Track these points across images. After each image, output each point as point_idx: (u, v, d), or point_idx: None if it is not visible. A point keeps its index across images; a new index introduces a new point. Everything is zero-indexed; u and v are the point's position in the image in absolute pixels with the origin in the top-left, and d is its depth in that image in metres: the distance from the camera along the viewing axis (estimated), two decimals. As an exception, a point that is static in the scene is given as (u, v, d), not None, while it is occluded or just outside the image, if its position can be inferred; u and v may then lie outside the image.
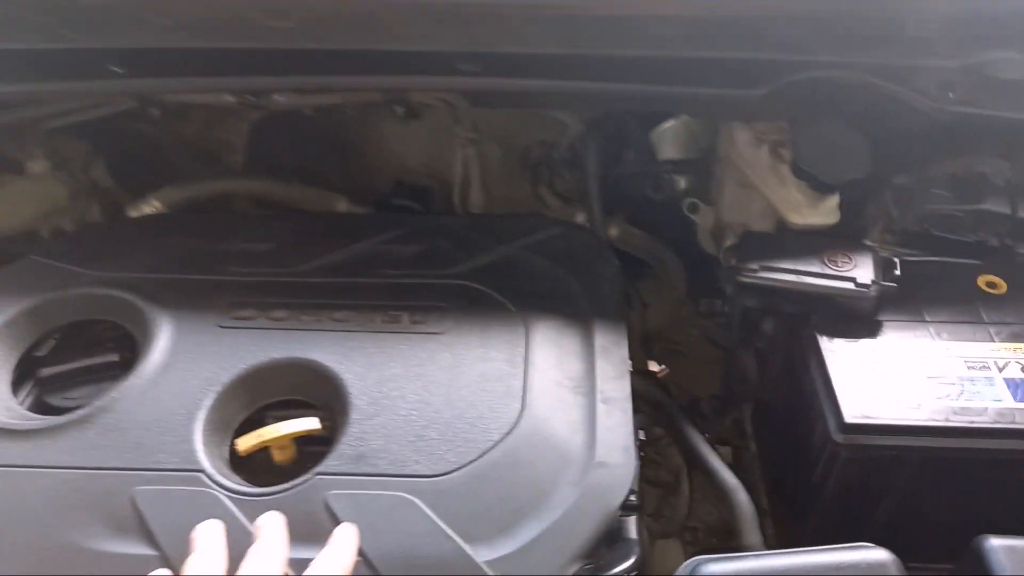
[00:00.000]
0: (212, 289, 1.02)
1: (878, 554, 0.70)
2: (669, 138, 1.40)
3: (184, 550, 0.75)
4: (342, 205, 1.44)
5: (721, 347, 1.45)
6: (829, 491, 0.93)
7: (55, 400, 0.96)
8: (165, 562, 0.77)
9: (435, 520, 0.80)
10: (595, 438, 0.87)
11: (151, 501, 0.81)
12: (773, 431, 1.14)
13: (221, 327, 0.97)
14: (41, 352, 1.01)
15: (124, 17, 1.04)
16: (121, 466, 0.84)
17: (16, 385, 0.97)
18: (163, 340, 0.95)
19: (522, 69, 1.03)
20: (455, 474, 0.83)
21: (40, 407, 0.95)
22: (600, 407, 0.90)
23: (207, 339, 0.96)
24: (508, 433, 0.86)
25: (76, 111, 1.15)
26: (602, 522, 0.81)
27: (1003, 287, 1.01)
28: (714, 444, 1.10)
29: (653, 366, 1.18)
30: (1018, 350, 0.93)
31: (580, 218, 1.42)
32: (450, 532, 0.79)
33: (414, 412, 0.88)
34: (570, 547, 0.79)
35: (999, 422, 0.86)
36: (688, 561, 0.73)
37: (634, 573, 0.84)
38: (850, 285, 0.95)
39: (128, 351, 0.99)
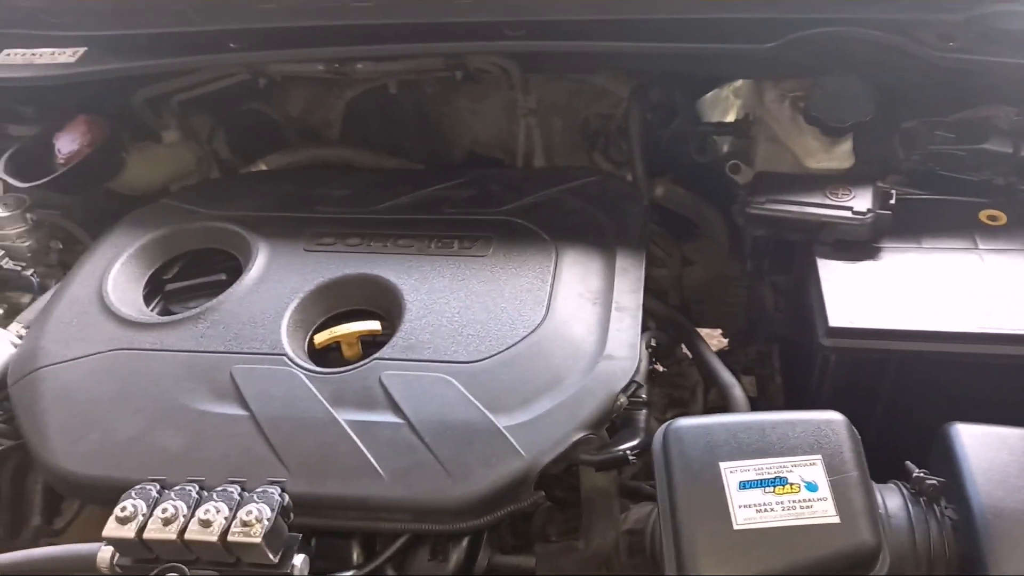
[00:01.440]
0: (300, 223, 1.24)
1: (829, 414, 0.81)
2: (714, 104, 1.52)
3: (266, 410, 0.94)
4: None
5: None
6: (826, 397, 1.03)
7: (178, 308, 1.19)
8: (252, 420, 0.97)
9: (467, 395, 0.96)
10: (606, 337, 1.01)
11: (246, 376, 1.01)
12: (792, 359, 1.24)
13: (306, 250, 1.18)
14: (167, 275, 1.26)
15: (239, 4, 1.29)
16: (223, 350, 1.05)
17: (147, 298, 1.21)
18: (260, 260, 1.17)
19: (560, 33, 1.20)
20: (485, 361, 1.00)
21: (166, 314, 1.18)
22: (614, 313, 1.04)
23: (294, 260, 1.17)
24: (532, 332, 1.03)
25: (202, 84, 1.40)
26: (605, 402, 0.96)
27: (1003, 219, 1.08)
28: (738, 374, 1.21)
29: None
30: (1008, 271, 1.01)
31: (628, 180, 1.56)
32: (478, 404, 0.95)
33: (456, 315, 1.06)
34: (576, 419, 0.94)
35: (978, 328, 0.94)
36: (665, 423, 0.86)
37: (635, 453, 0.98)
38: (847, 213, 1.05)
39: (233, 273, 1.22)
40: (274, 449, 0.94)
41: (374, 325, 1.08)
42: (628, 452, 0.97)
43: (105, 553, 0.81)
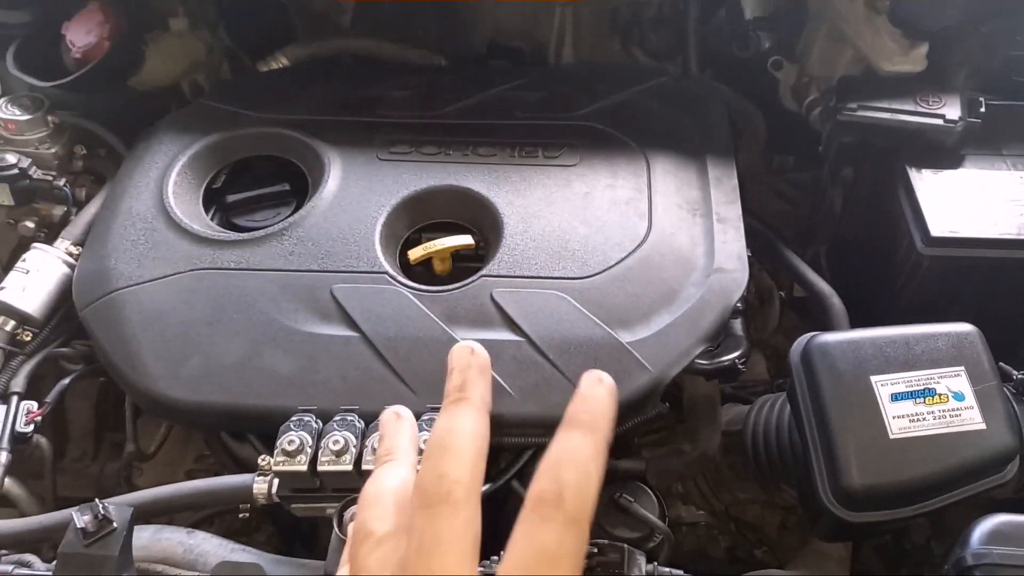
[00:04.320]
0: (366, 129, 1.16)
1: (964, 326, 0.85)
2: (755, -1, 1.48)
3: (377, 330, 0.92)
4: (441, 64, 1.55)
5: (787, 200, 1.57)
6: (907, 301, 1.07)
7: (242, 221, 1.12)
8: (366, 341, 0.94)
9: (584, 311, 0.96)
10: (713, 249, 1.02)
11: (349, 295, 0.97)
12: (849, 262, 1.28)
13: (380, 159, 1.12)
14: (217, 184, 1.17)
15: None
16: (318, 268, 1.00)
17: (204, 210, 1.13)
18: (334, 170, 1.10)
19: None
20: (596, 277, 0.99)
21: (230, 227, 1.11)
22: (716, 225, 1.04)
23: (371, 170, 1.11)
24: (640, 245, 1.02)
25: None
26: (722, 315, 0.97)
27: (1075, 127, 1.12)
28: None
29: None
30: (1088, 179, 1.06)
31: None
32: (597, 320, 0.95)
33: (557, 229, 1.04)
34: (697, 332, 0.95)
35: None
36: (803, 335, 0.89)
37: (742, 361, 1.01)
38: (939, 121, 1.07)
39: (293, 183, 1.15)
40: (394, 370, 0.92)
41: (467, 240, 1.04)
42: (737, 361, 1.00)
43: (262, 485, 0.79)
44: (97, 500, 0.73)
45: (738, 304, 1.03)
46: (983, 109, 1.08)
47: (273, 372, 0.92)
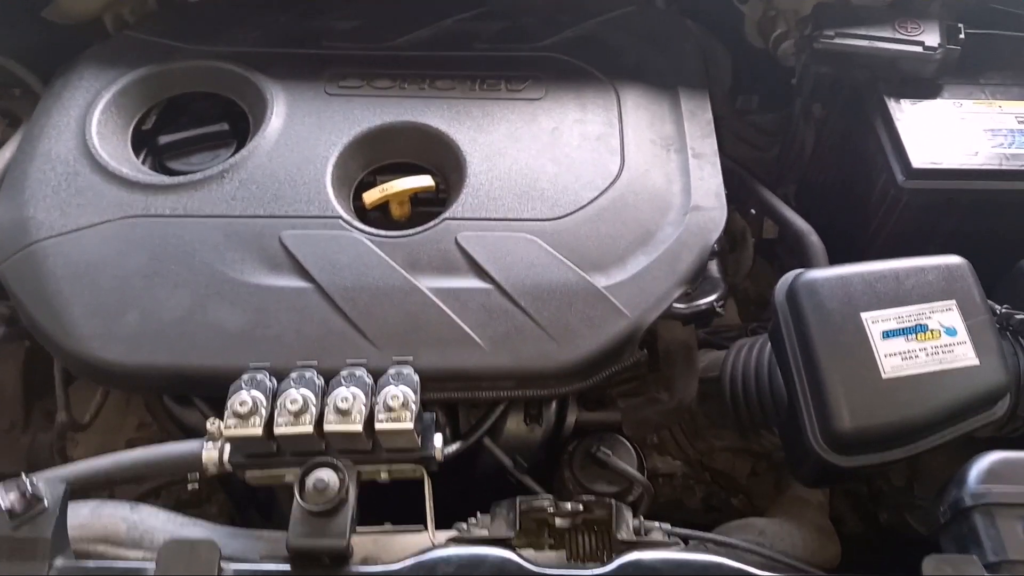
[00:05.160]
0: (312, 61, 1.06)
1: (953, 259, 0.82)
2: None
3: (333, 280, 0.84)
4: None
5: (755, 146, 1.53)
6: (887, 236, 1.04)
7: (176, 165, 1.02)
8: (321, 292, 0.86)
9: (556, 255, 0.90)
10: (690, 186, 0.96)
11: (300, 242, 0.89)
12: (821, 201, 1.24)
13: (328, 94, 1.03)
14: (147, 124, 1.06)
15: None
16: (264, 214, 0.91)
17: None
18: (278, 106, 1.00)
19: None
20: (568, 218, 0.93)
21: (163, 171, 1.01)
22: (692, 161, 0.99)
23: (319, 105, 1.01)
24: (612, 183, 0.96)
25: None
26: (700, 255, 0.92)
27: (1051, 54, 1.09)
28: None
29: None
30: (1066, 107, 1.03)
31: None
32: (571, 264, 0.89)
33: (525, 168, 0.97)
34: (676, 274, 0.90)
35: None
36: (788, 273, 0.84)
37: (720, 304, 0.97)
38: (919, 48, 1.02)
39: (233, 122, 1.05)
40: (352, 323, 0.85)
41: (427, 180, 0.97)
42: (715, 304, 0.95)
43: (212, 452, 0.72)
44: (24, 475, 0.64)
45: (714, 245, 0.98)
46: (962, 36, 1.04)
47: (220, 328, 0.84)
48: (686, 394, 0.98)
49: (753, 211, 1.17)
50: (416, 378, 0.73)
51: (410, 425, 0.69)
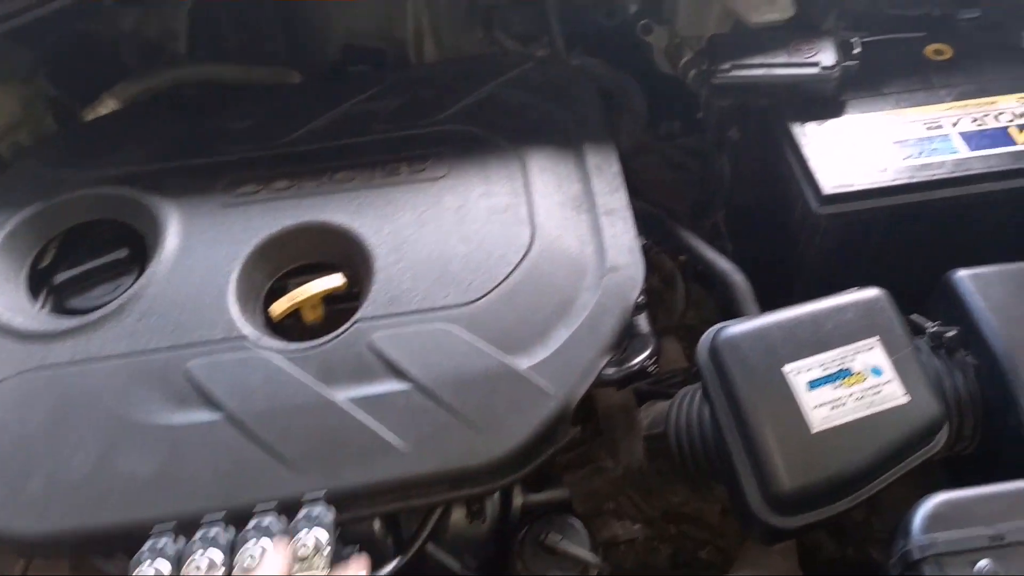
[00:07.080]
0: (207, 171, 1.03)
1: (870, 292, 0.79)
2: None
3: (245, 407, 0.80)
4: (295, 79, 1.42)
5: (682, 168, 1.51)
6: (811, 260, 1.02)
7: (76, 303, 0.98)
8: (233, 422, 0.83)
9: (474, 341, 0.87)
10: (603, 246, 0.94)
11: (207, 371, 0.86)
12: (748, 226, 1.22)
13: (225, 205, 1.00)
14: (45, 262, 1.03)
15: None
16: (167, 345, 0.88)
17: (30, 297, 0.98)
18: (173, 226, 0.97)
19: None
20: (483, 300, 0.90)
21: (62, 312, 0.97)
22: (603, 219, 0.96)
23: (216, 219, 0.98)
24: (525, 255, 0.93)
25: (21, 11, 1.10)
26: (622, 317, 0.89)
27: (948, 53, 1.08)
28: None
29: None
30: (967, 106, 1.01)
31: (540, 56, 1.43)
32: (490, 349, 0.86)
33: (434, 252, 0.93)
34: (599, 342, 0.87)
35: (956, 171, 0.95)
36: (709, 329, 0.81)
37: (652, 360, 0.94)
38: (815, 70, 1.01)
39: (133, 246, 1.01)
40: (269, 449, 0.81)
41: (337, 279, 0.93)
42: (646, 364, 0.92)
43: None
44: None
45: (639, 300, 0.95)
46: (858, 50, 1.02)
47: (130, 478, 0.80)
48: (632, 459, 0.95)
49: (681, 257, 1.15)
50: (330, 515, 0.70)
51: (325, 572, 0.65)
